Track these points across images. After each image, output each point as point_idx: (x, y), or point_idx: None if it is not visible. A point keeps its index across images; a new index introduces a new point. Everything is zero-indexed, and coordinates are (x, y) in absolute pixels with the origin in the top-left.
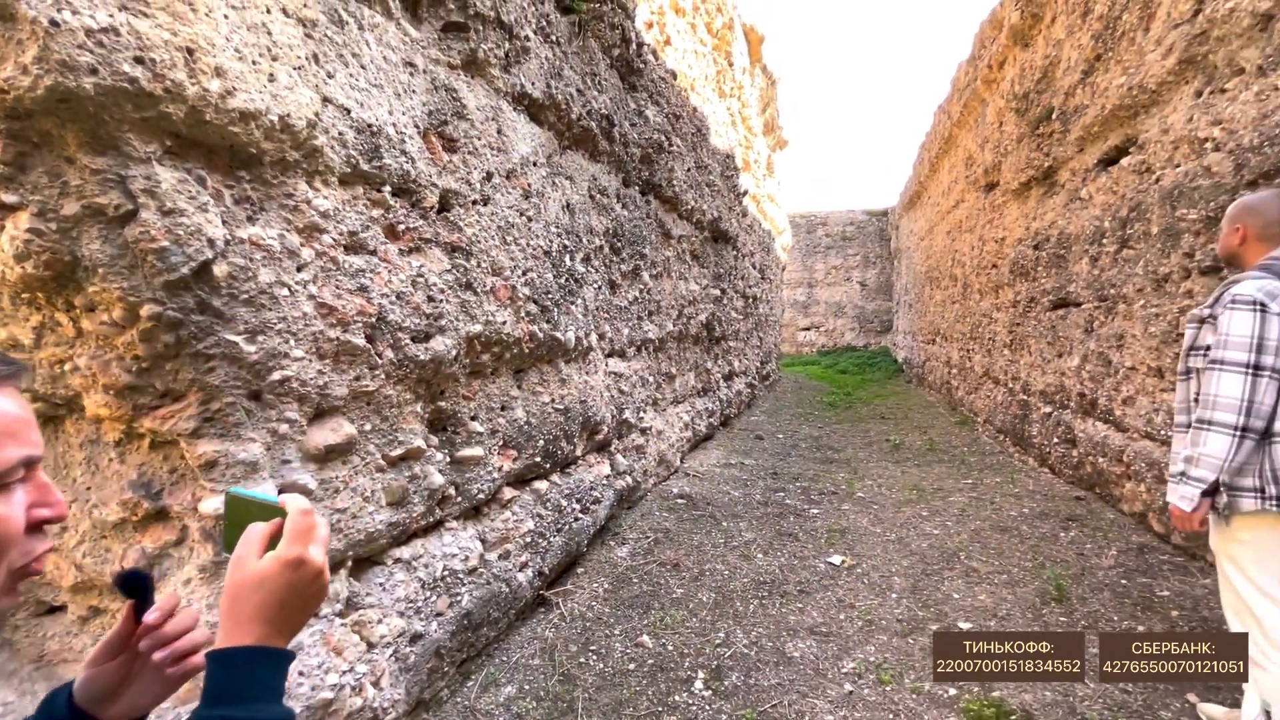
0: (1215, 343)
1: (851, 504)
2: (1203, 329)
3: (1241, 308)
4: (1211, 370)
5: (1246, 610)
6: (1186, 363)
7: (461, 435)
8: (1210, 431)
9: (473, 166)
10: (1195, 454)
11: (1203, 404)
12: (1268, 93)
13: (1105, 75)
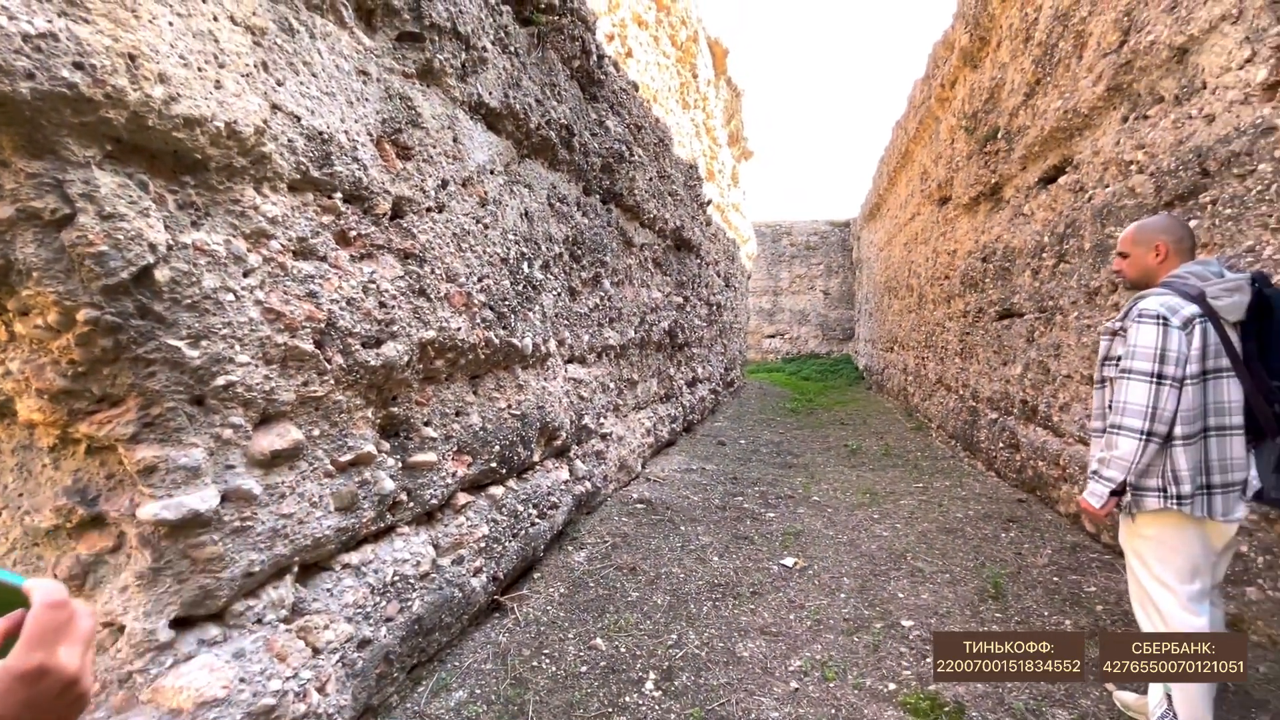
0: (1124, 354)
1: (807, 508)
2: (1114, 341)
3: (1147, 322)
4: (1121, 379)
5: (1149, 601)
6: (1101, 372)
7: (414, 441)
8: (1120, 435)
9: (427, 174)
10: (1107, 456)
11: (1114, 410)
12: (1183, 121)
13: (1044, 98)
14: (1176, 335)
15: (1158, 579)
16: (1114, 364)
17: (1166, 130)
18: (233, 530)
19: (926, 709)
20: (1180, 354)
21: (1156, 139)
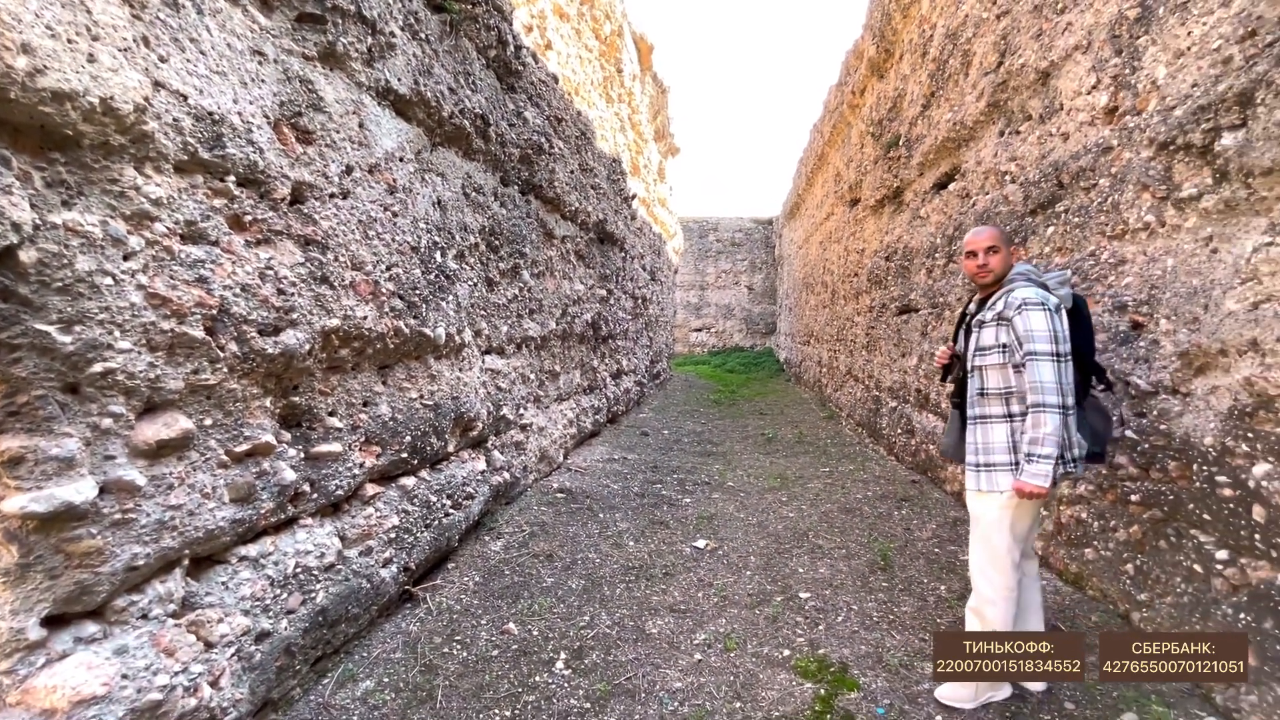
0: (1024, 339)
1: (722, 493)
2: (983, 331)
3: (1036, 309)
4: (1030, 362)
5: (993, 565)
6: (980, 360)
7: (318, 431)
8: (1046, 413)
9: (330, 159)
10: (1039, 435)
11: (1034, 391)
12: (1045, 137)
13: (938, 110)
14: (1060, 318)
15: (1007, 546)
16: (997, 351)
17: (1033, 145)
18: (113, 523)
19: (815, 670)
20: (1065, 334)
21: (1025, 152)
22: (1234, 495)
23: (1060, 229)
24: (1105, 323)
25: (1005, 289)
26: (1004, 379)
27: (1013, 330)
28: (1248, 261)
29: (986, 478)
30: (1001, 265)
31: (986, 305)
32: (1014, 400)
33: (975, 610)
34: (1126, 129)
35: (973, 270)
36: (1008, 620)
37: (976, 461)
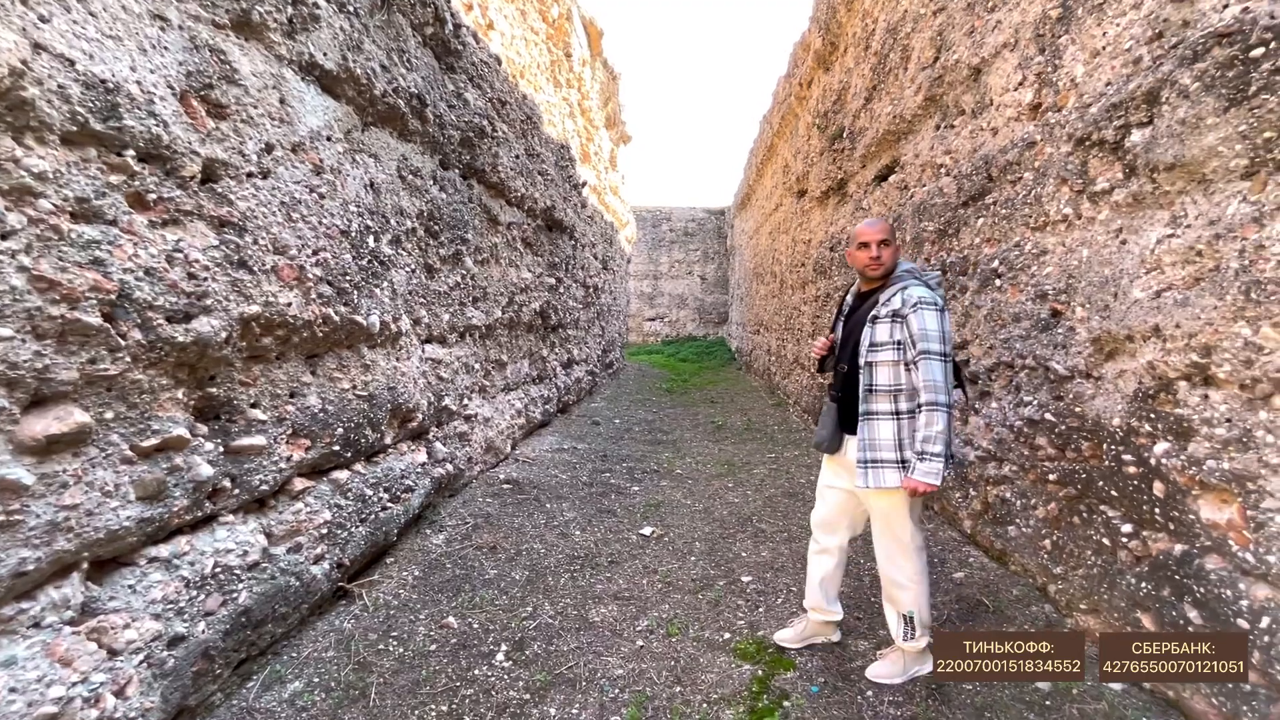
0: (918, 337)
1: (670, 480)
2: (877, 327)
3: (931, 309)
4: (925, 361)
5: (903, 551)
6: (875, 355)
7: (239, 424)
8: (938, 412)
9: (247, 136)
10: (932, 433)
11: (927, 389)
12: (977, 131)
13: (880, 103)
14: (948, 319)
15: (911, 529)
16: (891, 348)
17: (966, 139)
18: None
19: (754, 652)
20: (952, 335)
21: (959, 146)
22: (1138, 472)
23: (989, 220)
24: (1028, 310)
25: (898, 285)
26: (894, 376)
27: (907, 328)
28: (1152, 252)
29: (874, 474)
30: (891, 259)
31: (876, 300)
32: (902, 397)
33: (890, 598)
34: (1048, 125)
35: (864, 261)
36: (923, 602)
37: (864, 458)
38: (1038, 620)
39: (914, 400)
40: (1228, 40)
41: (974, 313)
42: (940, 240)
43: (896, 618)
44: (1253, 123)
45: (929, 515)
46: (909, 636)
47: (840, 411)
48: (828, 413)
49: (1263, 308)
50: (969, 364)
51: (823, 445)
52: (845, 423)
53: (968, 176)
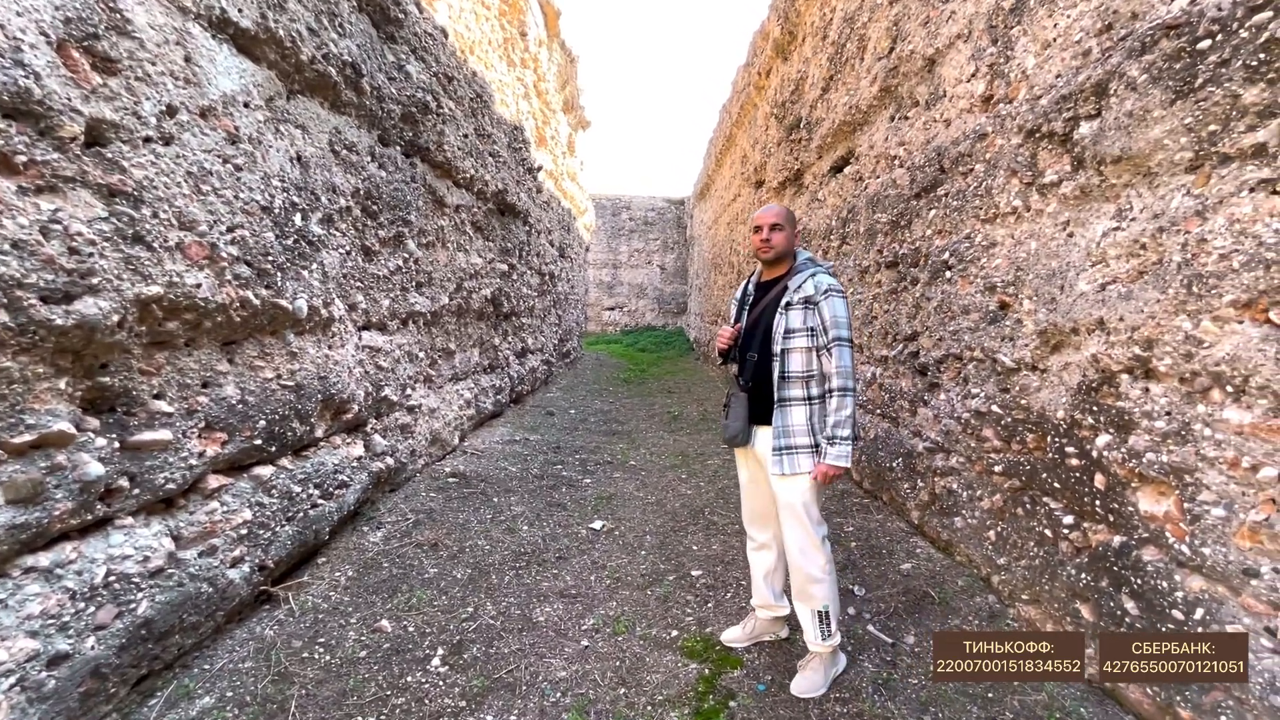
0: (831, 324)
1: (623, 472)
2: (790, 314)
3: (840, 297)
4: (839, 347)
5: (814, 543)
6: (789, 342)
7: (140, 417)
8: (849, 396)
9: (144, 96)
10: (842, 418)
11: (840, 375)
12: (931, 123)
13: (836, 94)
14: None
15: (818, 519)
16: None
17: (919, 130)
18: None
19: (701, 650)
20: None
21: (913, 137)
22: (1080, 465)
23: (941, 212)
24: (977, 303)
25: (806, 273)
26: (806, 362)
27: (819, 314)
28: (1098, 245)
29: (789, 460)
30: (784, 244)
31: (785, 288)
32: (813, 383)
33: (803, 595)
34: (1000, 116)
35: (756, 244)
36: (834, 595)
37: (780, 445)
38: (981, 611)
39: (823, 385)
40: (1175, 32)
41: (924, 304)
42: (893, 232)
43: (811, 616)
44: (1198, 115)
45: (878, 505)
46: (826, 635)
47: (751, 402)
48: (737, 404)
49: (1203, 301)
50: (918, 355)
51: (736, 439)
52: (756, 413)
53: (920, 168)
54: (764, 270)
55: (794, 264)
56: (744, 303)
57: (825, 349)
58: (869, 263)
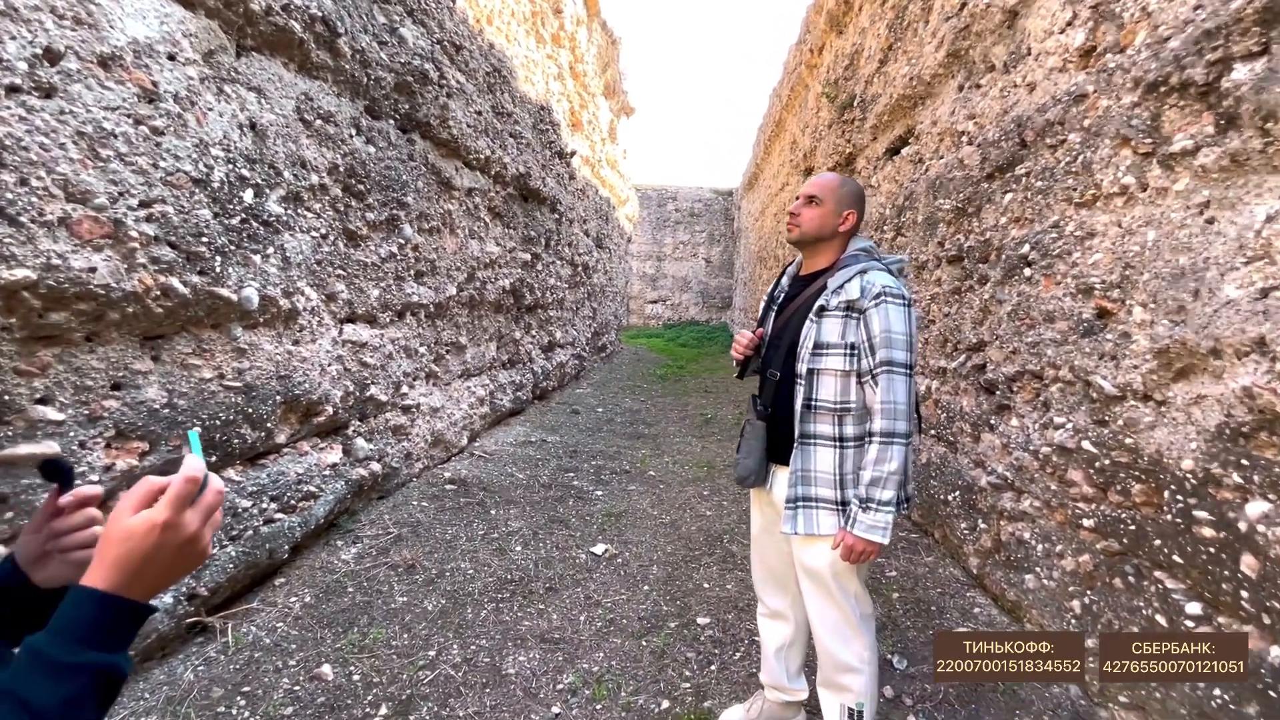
0: (882, 342)
1: (640, 484)
2: (824, 322)
3: (899, 304)
4: (890, 375)
5: (848, 622)
6: (805, 362)
7: (15, 426)
8: (895, 445)
9: (6, 34)
10: (884, 473)
11: (886, 414)
12: (1009, 89)
13: (895, 65)
14: (915, 319)
15: (858, 591)
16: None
17: (994, 99)
18: None
19: None
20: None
21: (985, 108)
22: (1216, 537)
23: (1020, 196)
24: (1065, 308)
25: (854, 268)
26: (841, 390)
27: (865, 328)
28: (1258, 234)
29: (806, 517)
30: (817, 224)
31: (823, 287)
32: (849, 419)
33: (831, 684)
34: (1105, 71)
35: (787, 220)
36: (874, 690)
37: (795, 495)
38: (1061, 709)
39: (863, 424)
40: None
41: (994, 308)
42: (957, 220)
43: (840, 712)
44: None
45: (928, 544)
46: None
47: (769, 433)
48: (752, 435)
49: None
50: (985, 370)
51: (747, 480)
52: (775, 449)
53: (995, 144)
54: (804, 259)
55: (841, 255)
56: (773, 300)
57: (869, 375)
58: (928, 257)
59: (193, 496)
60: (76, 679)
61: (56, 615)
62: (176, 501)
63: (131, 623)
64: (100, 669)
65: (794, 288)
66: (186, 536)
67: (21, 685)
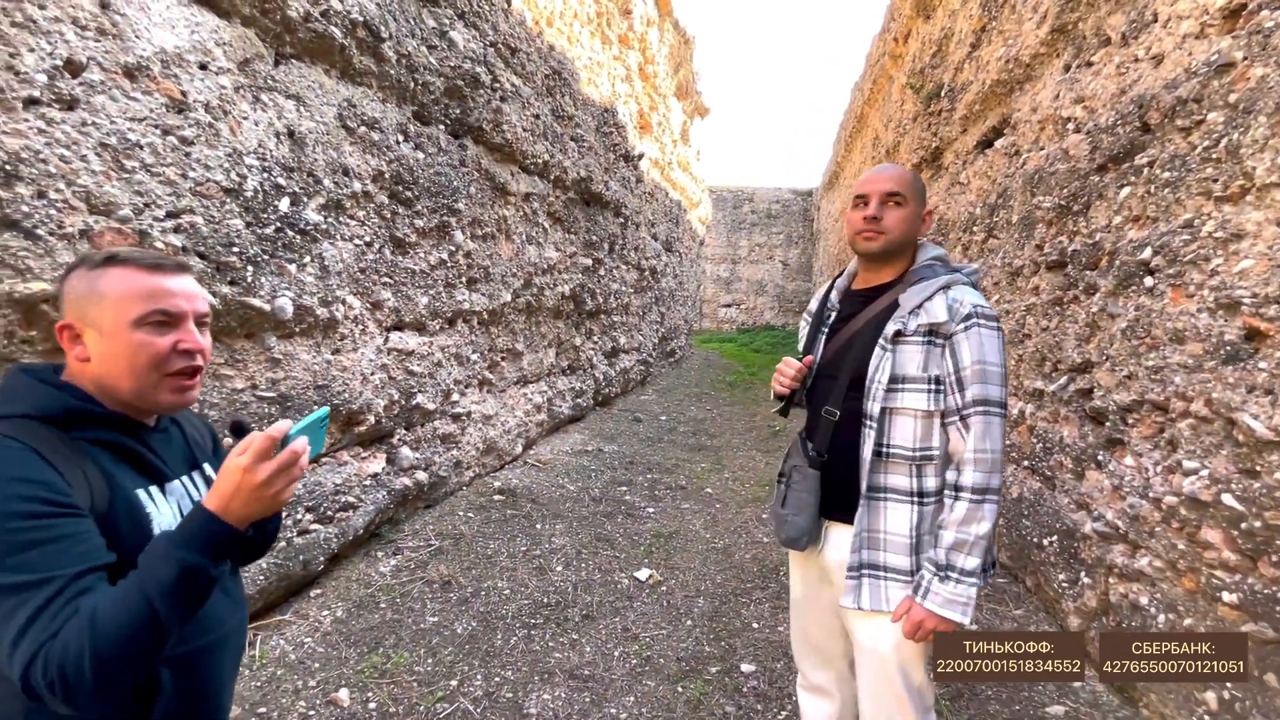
0: (973, 376)
1: (695, 502)
2: (902, 350)
3: (990, 327)
4: (984, 416)
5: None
6: (877, 400)
7: None
8: (988, 503)
9: (23, 45)
10: (971, 536)
11: (980, 464)
12: (1128, 65)
13: (989, 48)
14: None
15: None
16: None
17: (1109, 78)
18: None
19: None
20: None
21: (1098, 89)
22: None
23: (1140, 190)
24: (1200, 326)
25: (934, 282)
26: (923, 434)
27: (953, 357)
28: None
29: (873, 589)
30: (904, 228)
31: (893, 304)
32: (929, 469)
33: None
34: (1260, 32)
35: (858, 226)
36: None
37: (860, 562)
38: None
39: (943, 475)
40: None
41: (1105, 323)
42: (1060, 220)
43: None
44: None
45: (1018, 592)
46: None
47: (825, 484)
48: (803, 486)
49: None
50: (1092, 395)
51: (799, 542)
52: (830, 502)
53: (1108, 130)
54: (861, 270)
55: (911, 265)
56: (821, 321)
57: (958, 416)
58: (1023, 262)
59: (271, 452)
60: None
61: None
62: (255, 454)
63: (225, 540)
64: (189, 566)
65: (848, 306)
66: (259, 481)
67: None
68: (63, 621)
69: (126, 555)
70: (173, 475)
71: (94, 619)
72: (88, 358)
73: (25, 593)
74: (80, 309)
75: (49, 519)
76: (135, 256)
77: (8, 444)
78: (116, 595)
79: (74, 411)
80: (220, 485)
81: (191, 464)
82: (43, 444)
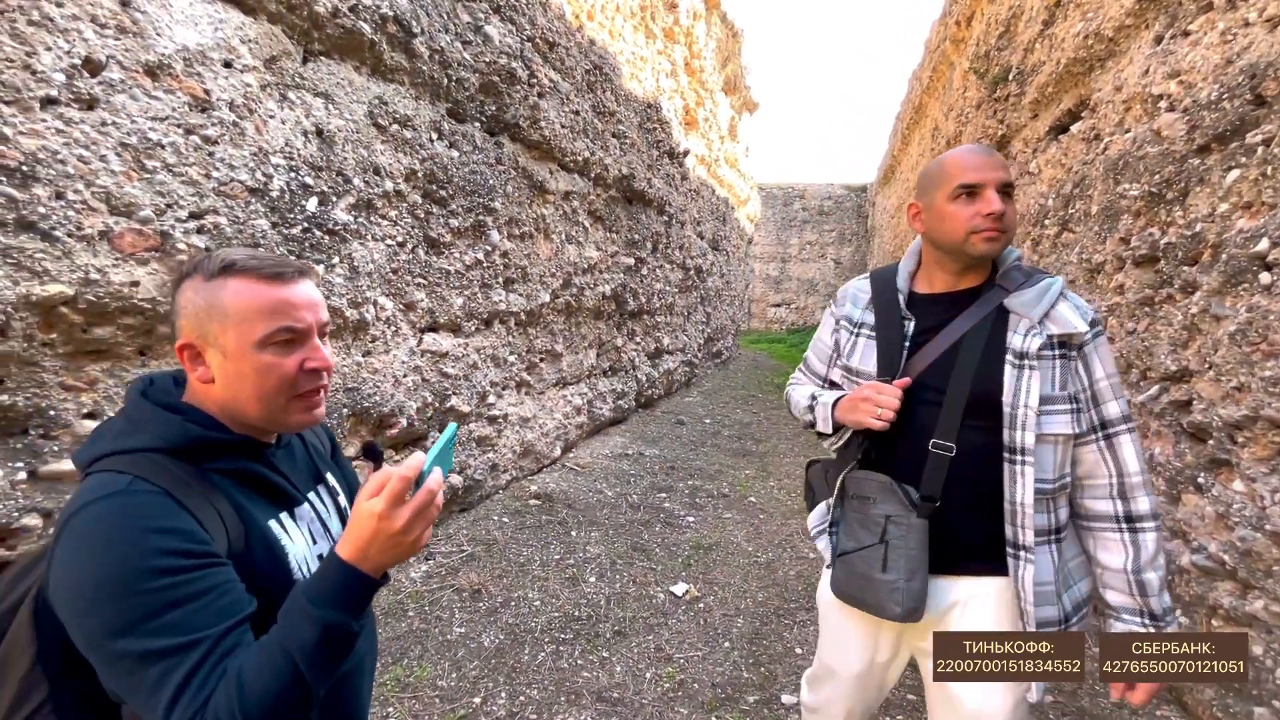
0: (1106, 392)
1: (737, 511)
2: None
3: (1104, 336)
4: (1131, 435)
5: None
6: (1027, 429)
7: (62, 441)
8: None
9: (40, 45)
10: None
11: (1148, 487)
12: (1235, 31)
13: (1065, 24)
14: None
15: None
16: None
17: (1210, 48)
18: None
19: None
20: None
21: (1195, 61)
22: None
23: (1253, 172)
24: None
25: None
26: (1062, 462)
27: (1086, 370)
28: None
29: None
30: (1014, 224)
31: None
32: (1063, 502)
33: None
34: None
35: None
36: None
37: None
38: None
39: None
40: None
41: (1207, 326)
42: (1150, 210)
43: None
44: None
45: None
46: None
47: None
48: (912, 541)
49: None
50: (1190, 408)
51: (917, 612)
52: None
53: (1211, 105)
54: (939, 271)
55: (996, 267)
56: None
57: (1101, 436)
58: (1105, 257)
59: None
60: (313, 629)
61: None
62: (391, 498)
63: (364, 592)
64: (329, 624)
65: (929, 315)
66: (397, 529)
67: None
68: (212, 688)
69: (265, 595)
70: (301, 497)
71: (241, 685)
72: (211, 379)
73: (172, 658)
74: (199, 326)
75: (191, 572)
76: (254, 265)
77: (140, 488)
78: (261, 659)
79: (201, 441)
80: (355, 531)
81: (315, 476)
82: (176, 485)
